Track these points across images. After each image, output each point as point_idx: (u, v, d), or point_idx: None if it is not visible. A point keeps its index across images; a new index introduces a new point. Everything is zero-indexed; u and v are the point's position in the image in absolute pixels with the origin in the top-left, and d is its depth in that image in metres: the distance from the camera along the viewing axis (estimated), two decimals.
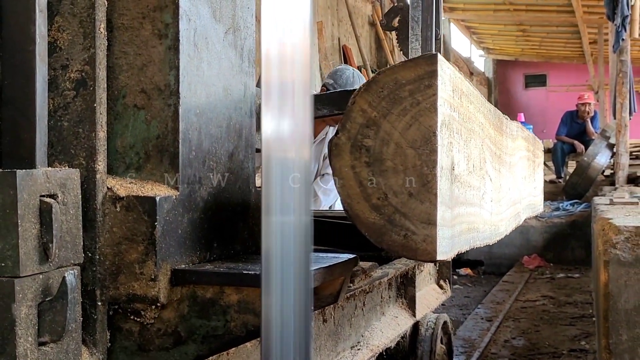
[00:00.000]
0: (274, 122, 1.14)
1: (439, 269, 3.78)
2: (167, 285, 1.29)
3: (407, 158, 1.38)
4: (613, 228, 2.82)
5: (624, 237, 2.75)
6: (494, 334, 5.35)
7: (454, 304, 7.29)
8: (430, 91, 1.37)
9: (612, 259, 2.75)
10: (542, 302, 6.63)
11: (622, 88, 8.71)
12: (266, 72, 1.13)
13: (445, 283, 3.87)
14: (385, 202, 1.38)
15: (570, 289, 7.41)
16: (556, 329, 5.57)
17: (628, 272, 2.73)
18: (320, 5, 10.63)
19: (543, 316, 6.08)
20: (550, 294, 7.06)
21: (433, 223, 1.36)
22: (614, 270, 2.74)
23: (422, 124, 1.37)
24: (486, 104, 1.94)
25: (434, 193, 1.36)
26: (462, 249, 1.63)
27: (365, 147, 1.40)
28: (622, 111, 8.71)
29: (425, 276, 3.55)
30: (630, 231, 2.75)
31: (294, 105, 1.15)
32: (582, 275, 7.98)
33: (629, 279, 2.73)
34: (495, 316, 6.03)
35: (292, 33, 1.18)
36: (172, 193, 1.32)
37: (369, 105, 1.40)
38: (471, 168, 1.71)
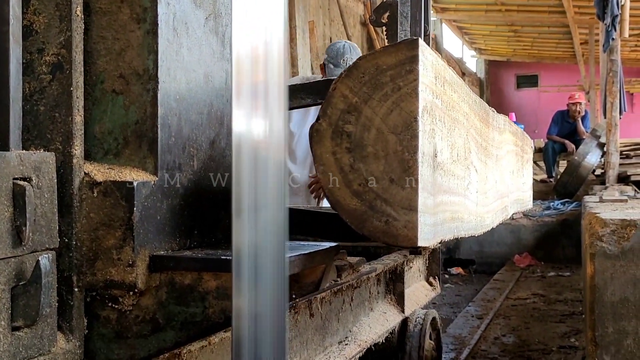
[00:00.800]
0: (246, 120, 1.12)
1: (429, 266, 3.77)
2: (145, 271, 1.27)
3: (388, 144, 1.36)
4: (599, 221, 2.81)
5: (610, 229, 2.74)
6: (484, 331, 5.34)
7: (445, 302, 7.29)
8: (411, 76, 1.36)
9: (598, 252, 2.74)
10: (533, 300, 6.63)
11: (613, 87, 8.70)
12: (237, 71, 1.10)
13: (434, 280, 3.86)
14: (367, 188, 1.37)
15: (561, 287, 7.41)
16: (546, 326, 5.56)
17: (614, 264, 2.73)
18: (311, 4, 10.62)
19: (533, 314, 6.07)
20: (541, 292, 7.06)
21: (414, 209, 1.34)
22: (600, 263, 2.74)
23: (403, 109, 1.36)
24: (471, 95, 1.93)
25: (415, 179, 1.34)
26: (446, 237, 1.62)
27: (347, 133, 1.39)
28: (612, 110, 8.69)
29: (415, 273, 3.54)
30: (616, 224, 2.75)
31: (267, 102, 1.13)
32: (572, 274, 7.98)
33: (615, 271, 2.72)
34: (485, 314, 6.02)
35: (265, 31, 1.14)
36: (151, 179, 1.30)
37: (350, 90, 1.39)
38: (455, 157, 1.70)
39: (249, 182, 1.12)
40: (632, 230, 2.73)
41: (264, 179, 1.13)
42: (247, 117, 1.12)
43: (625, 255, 2.72)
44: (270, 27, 1.12)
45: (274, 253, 1.12)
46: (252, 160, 1.13)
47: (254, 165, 1.13)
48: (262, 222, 1.11)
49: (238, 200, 1.11)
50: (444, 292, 7.42)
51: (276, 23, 1.13)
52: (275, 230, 1.12)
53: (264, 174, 1.13)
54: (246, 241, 1.09)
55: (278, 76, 1.14)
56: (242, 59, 1.10)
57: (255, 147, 1.13)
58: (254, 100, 1.12)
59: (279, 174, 1.13)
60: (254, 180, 1.12)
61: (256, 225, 1.10)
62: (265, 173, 1.13)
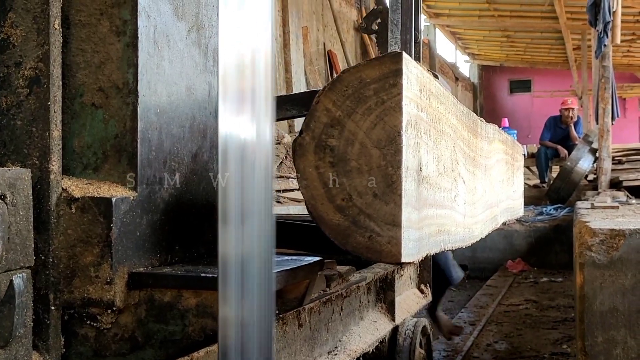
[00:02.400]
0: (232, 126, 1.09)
1: (420, 273, 3.75)
2: (124, 288, 1.24)
3: (372, 158, 1.34)
4: (589, 231, 2.79)
5: (599, 239, 2.73)
6: (477, 337, 5.31)
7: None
8: (395, 90, 1.34)
9: (587, 262, 2.74)
10: (525, 306, 6.60)
11: (605, 93, 8.69)
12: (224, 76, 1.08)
13: (426, 287, 3.83)
14: (350, 203, 1.35)
15: (554, 292, 7.38)
16: (538, 333, 5.53)
17: (603, 274, 2.72)
18: (305, 10, 10.61)
19: (526, 320, 6.04)
20: (534, 298, 7.03)
21: (398, 225, 1.32)
22: (589, 273, 2.74)
23: (387, 123, 1.34)
24: (459, 106, 1.91)
25: (398, 194, 1.32)
26: (431, 251, 1.60)
27: (330, 147, 1.36)
28: (604, 116, 8.69)
29: (406, 280, 3.51)
30: (605, 234, 2.74)
31: (254, 111, 1.10)
32: (565, 279, 7.95)
33: (604, 281, 2.72)
34: (478, 320, 6.00)
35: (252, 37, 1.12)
36: (130, 194, 1.28)
37: (334, 104, 1.37)
38: (442, 170, 1.68)
39: (236, 191, 1.10)
40: (621, 240, 2.73)
41: (251, 187, 1.11)
42: (234, 125, 1.09)
43: (614, 265, 2.71)
44: (258, 35, 1.10)
45: (262, 262, 1.10)
46: (239, 168, 1.10)
47: (240, 174, 1.10)
48: (249, 232, 1.10)
49: (224, 210, 1.09)
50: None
51: (263, 30, 1.10)
52: (262, 240, 1.10)
53: (250, 183, 1.11)
54: (233, 250, 1.07)
55: (265, 84, 1.12)
56: (229, 67, 1.08)
57: (242, 156, 1.10)
58: (240, 108, 1.10)
59: (266, 183, 1.11)
60: (241, 189, 1.10)
61: (243, 235, 1.09)
62: (252, 182, 1.11)
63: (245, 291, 1.08)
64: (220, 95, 1.07)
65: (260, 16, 1.11)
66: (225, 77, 1.07)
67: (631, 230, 2.73)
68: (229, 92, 1.08)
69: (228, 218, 1.09)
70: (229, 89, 1.08)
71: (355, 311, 2.76)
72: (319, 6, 11.06)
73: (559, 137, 10.99)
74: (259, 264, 1.10)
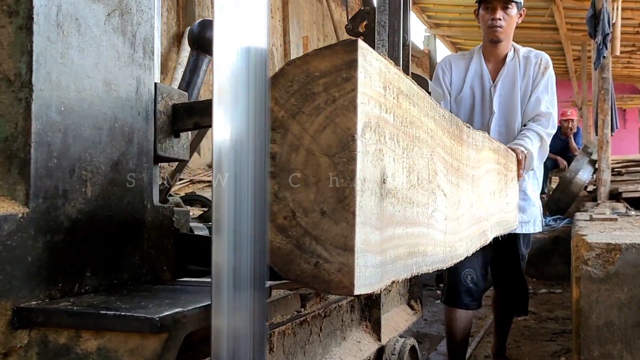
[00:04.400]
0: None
1: (410, 288, 3.47)
2: (6, 328, 0.98)
3: (320, 168, 1.08)
4: (585, 244, 2.72)
5: (595, 253, 2.68)
6: (475, 349, 5.09)
7: (436, 319, 7.01)
8: (348, 85, 1.07)
9: (583, 276, 2.69)
10: (524, 318, 6.35)
11: (604, 105, 8.44)
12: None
13: (416, 303, 3.55)
14: (294, 223, 1.08)
15: (552, 304, 7.17)
16: (537, 345, 5.31)
17: (599, 288, 2.68)
18: (306, 20, 10.39)
19: (524, 332, 5.83)
20: (532, 309, 6.79)
21: (350, 249, 1.05)
22: (585, 287, 2.69)
23: (338, 125, 1.07)
24: (439, 110, 1.65)
25: (351, 212, 1.05)
26: (400, 277, 1.33)
27: (271, 154, 1.10)
28: (603, 128, 8.43)
29: (394, 297, 3.24)
30: (601, 247, 2.68)
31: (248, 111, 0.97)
32: (564, 291, 7.73)
33: (600, 295, 2.67)
34: (476, 332, 5.75)
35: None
36: (19, 210, 1.01)
37: (276, 102, 1.10)
38: (415, 181, 1.41)
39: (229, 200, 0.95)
40: (617, 254, 2.67)
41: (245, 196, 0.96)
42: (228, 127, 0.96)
43: (610, 279, 2.67)
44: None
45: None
46: (233, 175, 0.96)
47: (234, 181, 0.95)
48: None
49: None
50: (435, 309, 7.16)
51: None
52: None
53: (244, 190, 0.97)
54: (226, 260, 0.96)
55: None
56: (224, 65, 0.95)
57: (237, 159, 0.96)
58: (235, 108, 0.96)
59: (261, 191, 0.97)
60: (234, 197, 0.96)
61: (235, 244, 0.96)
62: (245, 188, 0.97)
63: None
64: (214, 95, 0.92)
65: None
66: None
67: (627, 244, 2.68)
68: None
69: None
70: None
71: (337, 331, 2.49)
72: (319, 16, 10.83)
73: (559, 148, 10.79)
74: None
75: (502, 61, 3.72)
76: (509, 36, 3.66)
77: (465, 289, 3.73)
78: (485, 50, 3.76)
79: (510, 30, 3.63)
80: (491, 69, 3.75)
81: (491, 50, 3.72)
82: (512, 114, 3.66)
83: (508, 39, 3.67)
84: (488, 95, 3.71)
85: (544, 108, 3.58)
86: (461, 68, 3.77)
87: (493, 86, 3.70)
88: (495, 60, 3.74)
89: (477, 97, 3.73)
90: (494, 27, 3.59)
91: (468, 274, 3.74)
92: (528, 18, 13.50)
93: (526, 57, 3.68)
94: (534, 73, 3.63)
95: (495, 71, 3.74)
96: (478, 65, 3.75)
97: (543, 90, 3.60)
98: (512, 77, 3.67)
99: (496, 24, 3.57)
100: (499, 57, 3.72)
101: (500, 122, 3.69)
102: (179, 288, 1.20)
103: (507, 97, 3.69)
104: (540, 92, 3.59)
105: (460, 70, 3.77)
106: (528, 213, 3.77)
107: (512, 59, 3.68)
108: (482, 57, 3.76)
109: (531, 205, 3.81)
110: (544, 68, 3.64)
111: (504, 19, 3.56)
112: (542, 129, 3.53)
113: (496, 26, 3.58)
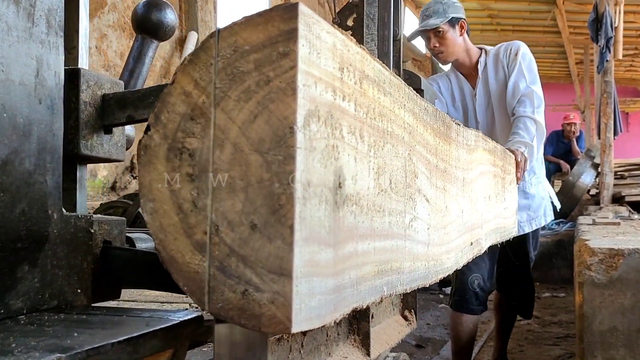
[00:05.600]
0: None
1: (404, 298, 3.19)
2: None
3: (250, 168, 0.81)
4: (588, 250, 2.69)
5: (598, 258, 2.64)
6: (478, 354, 4.94)
7: (439, 323, 6.82)
8: (286, 62, 0.81)
9: (586, 281, 2.66)
10: (527, 322, 6.15)
11: (607, 108, 8.19)
12: None
13: (410, 313, 3.28)
14: (216, 239, 0.82)
15: (556, 308, 7.02)
16: (540, 349, 5.16)
17: (602, 293, 2.65)
18: None
19: (528, 336, 5.70)
20: (536, 313, 6.61)
21: (286, 273, 0.79)
22: (589, 292, 2.66)
23: (273, 113, 0.81)
24: (419, 102, 1.38)
25: (288, 225, 0.79)
26: (365, 302, 1.06)
27: (189, 150, 0.84)
28: (606, 131, 8.18)
29: (387, 307, 2.96)
30: (604, 253, 2.64)
31: None
32: (567, 295, 7.57)
33: (603, 300, 2.64)
34: (479, 335, 5.54)
35: None
36: None
37: (195, 85, 0.84)
38: (385, 185, 1.15)
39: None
40: (620, 259, 2.64)
41: None
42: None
43: (613, 285, 2.64)
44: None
45: None
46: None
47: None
48: None
49: None
50: (438, 313, 6.96)
51: None
52: None
53: None
54: None
55: None
56: None
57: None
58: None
59: None
60: None
61: None
62: None
63: None
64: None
65: None
66: None
67: (630, 249, 2.65)
68: None
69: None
70: None
71: (321, 347, 2.22)
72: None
73: (562, 151, 10.63)
74: None
75: (475, 69, 3.57)
76: (457, 52, 3.52)
77: (472, 293, 3.56)
78: (456, 65, 3.63)
79: (454, 48, 3.50)
80: (470, 80, 3.62)
81: (458, 67, 3.62)
82: (502, 117, 3.47)
83: (459, 54, 3.53)
84: (471, 104, 3.57)
85: (523, 88, 3.37)
86: (446, 85, 3.64)
87: (474, 95, 3.54)
88: (468, 71, 3.61)
89: (465, 107, 3.59)
90: (435, 55, 3.52)
91: (475, 278, 3.59)
92: (530, 22, 13.23)
93: (495, 54, 3.50)
94: (507, 63, 3.45)
95: (474, 80, 3.60)
96: (457, 80, 3.64)
97: (518, 73, 3.40)
98: (486, 83, 3.50)
99: (435, 51, 3.48)
100: (470, 67, 3.59)
101: (491, 128, 3.50)
102: (86, 319, 0.93)
103: (488, 103, 3.53)
104: (515, 75, 3.40)
105: (446, 87, 3.64)
106: (534, 208, 3.61)
107: (483, 65, 3.51)
108: (457, 73, 3.64)
109: (537, 201, 3.63)
110: (514, 54, 3.46)
111: (441, 43, 3.44)
112: (530, 111, 3.30)
113: (437, 52, 3.48)
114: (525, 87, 3.35)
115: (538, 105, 3.31)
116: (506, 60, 3.49)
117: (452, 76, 3.64)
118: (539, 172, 3.71)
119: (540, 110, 3.31)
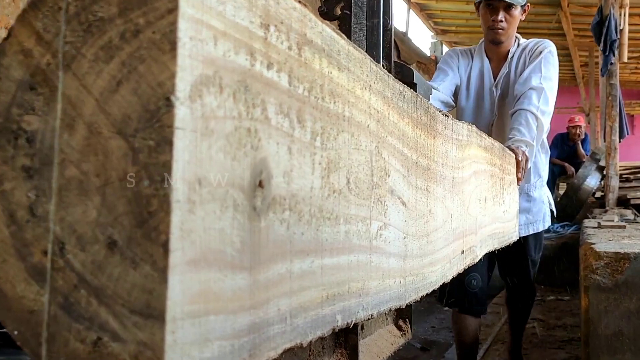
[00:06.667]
0: None
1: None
2: None
3: (110, 159, 0.54)
4: (593, 253, 2.67)
5: (604, 262, 2.61)
6: (482, 357, 4.72)
7: (444, 326, 6.59)
8: (162, 3, 0.54)
9: (592, 285, 2.64)
10: (532, 325, 5.94)
11: (612, 111, 7.90)
12: None
13: (405, 323, 2.98)
14: (61, 262, 0.54)
15: (560, 311, 6.80)
16: (545, 353, 4.89)
17: (608, 297, 2.63)
18: None
19: (532, 339, 5.49)
20: (540, 316, 6.42)
21: (157, 315, 0.51)
22: (594, 296, 2.65)
23: (143, 78, 0.54)
24: (393, 84, 1.10)
25: (161, 242, 0.51)
26: (305, 339, 0.78)
27: (27, 134, 0.56)
28: (611, 134, 7.89)
29: (378, 317, 2.67)
30: (610, 257, 2.62)
31: None
32: (572, 298, 7.35)
33: (608, 304, 2.63)
34: (484, 339, 5.33)
35: None
36: None
37: (38, 39, 0.57)
38: (341, 185, 0.87)
39: None
40: (625, 263, 2.62)
41: None
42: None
43: (619, 289, 2.62)
44: None
45: None
46: None
47: None
48: None
49: None
50: (443, 316, 6.75)
51: None
52: None
53: None
54: None
55: None
56: None
57: None
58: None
59: None
60: None
61: None
62: None
63: None
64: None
65: None
66: None
67: (636, 253, 2.62)
68: None
69: None
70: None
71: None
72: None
73: (566, 154, 10.38)
74: None
75: (505, 58, 3.23)
76: (511, 36, 3.20)
77: (471, 293, 3.29)
78: (486, 48, 3.30)
79: (512, 30, 3.16)
80: (494, 67, 3.28)
81: (492, 49, 3.27)
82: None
83: (510, 39, 3.20)
84: (489, 97, 3.23)
85: (535, 82, 3.02)
86: (466, 63, 3.31)
87: (494, 85, 3.21)
88: (497, 57, 3.27)
89: (480, 97, 3.26)
90: (495, 28, 3.13)
91: (472, 278, 3.32)
92: (535, 24, 12.91)
93: (524, 47, 3.18)
94: (530, 57, 3.12)
95: (497, 69, 3.27)
96: (480, 64, 3.29)
97: (535, 68, 3.07)
98: (508, 76, 3.20)
99: (497, 25, 3.11)
100: (501, 54, 3.25)
101: (504, 125, 3.18)
102: None
103: (505, 97, 3.20)
104: (532, 69, 3.07)
105: (465, 65, 3.31)
106: (534, 212, 3.32)
107: (512, 55, 3.19)
108: (484, 56, 3.30)
109: (537, 204, 3.34)
110: (539, 51, 3.13)
111: (506, 20, 3.10)
112: (535, 106, 2.95)
113: (497, 28, 3.12)
114: (537, 82, 3.03)
115: (544, 104, 2.98)
116: (529, 54, 3.19)
117: (477, 57, 3.31)
118: (544, 176, 3.42)
119: (544, 110, 2.98)
